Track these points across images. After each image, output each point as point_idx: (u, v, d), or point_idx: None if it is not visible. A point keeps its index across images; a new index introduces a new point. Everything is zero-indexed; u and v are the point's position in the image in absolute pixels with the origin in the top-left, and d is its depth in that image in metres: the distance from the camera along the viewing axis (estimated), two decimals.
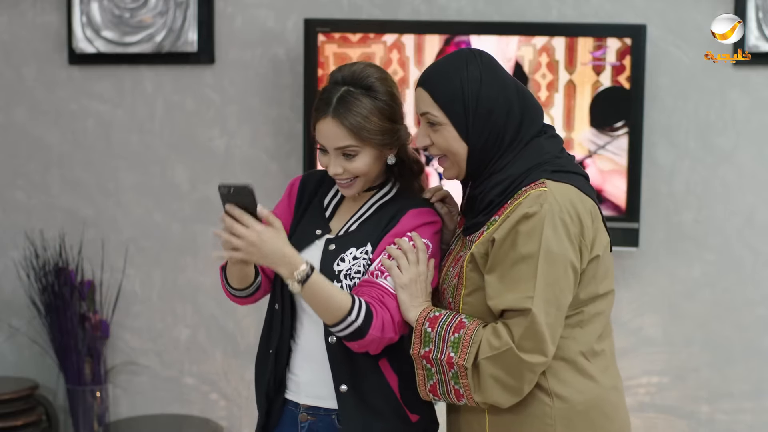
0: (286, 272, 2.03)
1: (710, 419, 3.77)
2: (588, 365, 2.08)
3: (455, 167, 2.11)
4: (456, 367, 2.02)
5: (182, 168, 3.92)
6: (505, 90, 2.08)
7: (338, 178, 2.15)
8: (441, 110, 2.07)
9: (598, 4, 3.70)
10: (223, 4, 3.85)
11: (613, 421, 2.12)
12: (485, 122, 2.06)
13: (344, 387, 2.14)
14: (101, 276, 3.92)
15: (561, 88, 3.56)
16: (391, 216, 2.16)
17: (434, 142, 2.10)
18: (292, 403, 2.22)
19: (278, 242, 2.02)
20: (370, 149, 2.12)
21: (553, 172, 2.05)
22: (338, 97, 2.10)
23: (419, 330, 2.05)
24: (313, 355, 2.18)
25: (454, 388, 2.04)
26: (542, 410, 2.05)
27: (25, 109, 3.96)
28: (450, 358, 2.02)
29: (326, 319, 2.07)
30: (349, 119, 2.09)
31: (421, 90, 2.10)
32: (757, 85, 3.68)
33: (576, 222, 2.01)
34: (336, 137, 2.11)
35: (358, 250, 2.15)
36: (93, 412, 3.85)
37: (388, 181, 2.22)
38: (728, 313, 3.75)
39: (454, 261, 2.15)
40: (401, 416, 2.17)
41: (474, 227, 2.10)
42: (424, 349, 2.05)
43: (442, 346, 2.03)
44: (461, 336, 2.01)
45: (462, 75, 2.06)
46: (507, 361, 1.98)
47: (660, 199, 3.73)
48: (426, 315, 2.06)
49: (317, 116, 2.14)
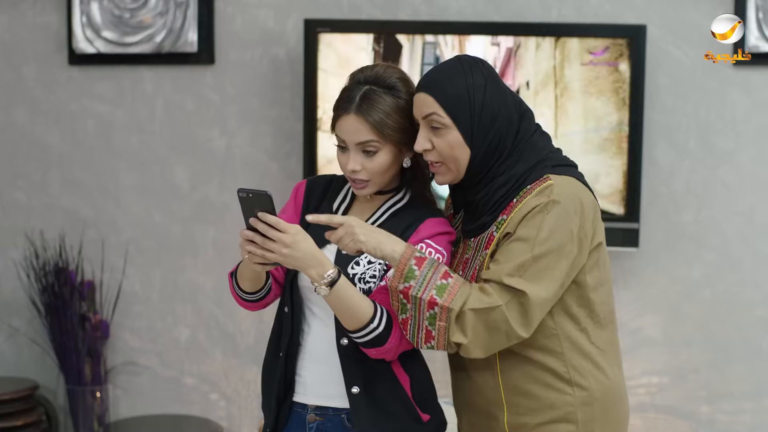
0: (316, 275, 2.02)
1: (710, 419, 3.77)
2: (601, 356, 2.16)
3: (452, 172, 2.13)
4: (437, 308, 2.01)
5: (182, 168, 3.92)
6: (505, 98, 2.13)
7: (354, 176, 2.15)
8: (447, 114, 2.08)
9: (597, 4, 3.70)
10: (223, 5, 3.85)
11: (622, 408, 2.22)
12: (489, 128, 2.09)
13: (356, 389, 2.14)
14: (101, 276, 3.92)
15: (561, 89, 3.56)
16: (408, 223, 2.16)
17: (436, 146, 2.11)
18: (299, 404, 2.22)
19: (311, 245, 2.02)
20: (389, 148, 2.14)
21: (553, 166, 2.11)
22: (361, 95, 2.13)
23: (404, 265, 2.03)
24: (320, 357, 2.18)
25: (427, 328, 2.03)
26: (563, 399, 2.12)
27: (25, 109, 3.96)
28: (433, 299, 2.01)
29: (348, 324, 2.06)
30: (372, 115, 2.11)
31: (424, 94, 2.10)
32: (757, 86, 3.68)
33: (579, 214, 2.07)
34: (358, 132, 2.12)
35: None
36: (93, 412, 3.85)
37: (401, 188, 2.23)
38: (728, 313, 3.75)
39: (463, 265, 2.17)
40: (413, 416, 2.18)
41: (479, 228, 2.13)
42: (403, 284, 2.03)
43: (426, 286, 2.02)
44: (449, 284, 2.02)
45: (468, 81, 2.09)
46: (493, 318, 2.01)
47: (660, 199, 3.73)
48: (412, 252, 2.05)
49: (339, 113, 2.15)
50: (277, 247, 2.01)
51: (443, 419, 2.25)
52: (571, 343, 2.12)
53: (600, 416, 2.14)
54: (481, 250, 2.12)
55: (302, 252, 2.01)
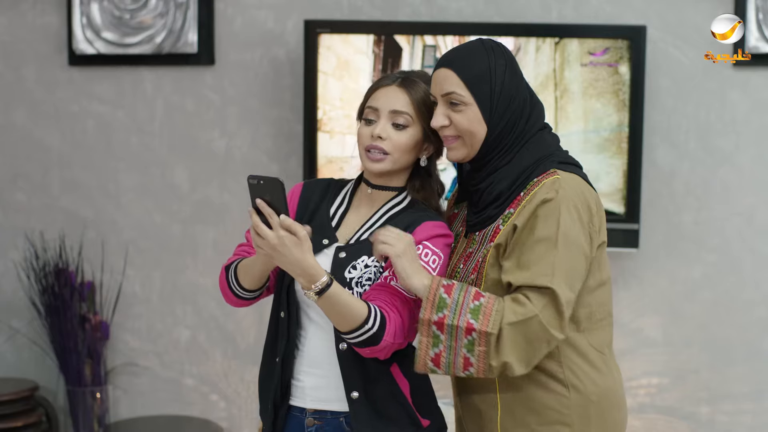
0: (305, 283, 2.01)
1: (710, 420, 3.77)
2: (599, 358, 2.15)
3: (466, 148, 2.14)
4: (475, 334, 2.00)
5: (182, 169, 3.92)
6: (522, 82, 2.16)
7: (376, 143, 2.15)
8: (468, 90, 2.11)
9: (598, 5, 3.70)
10: (223, 6, 3.85)
11: (620, 410, 2.21)
12: (506, 108, 2.11)
13: (356, 394, 2.13)
14: (101, 277, 3.92)
15: (561, 90, 3.56)
16: (405, 225, 2.15)
17: (454, 121, 2.13)
18: (297, 408, 2.21)
19: (300, 252, 1.99)
20: (417, 129, 2.17)
21: (560, 163, 2.13)
22: (403, 77, 2.19)
23: (433, 295, 2.03)
24: (319, 361, 2.18)
25: (465, 356, 2.02)
26: (559, 401, 2.11)
27: (26, 110, 3.96)
28: (470, 324, 2.00)
29: (341, 327, 2.05)
30: (414, 91, 2.17)
31: (446, 70, 2.13)
32: (757, 86, 3.68)
33: (586, 210, 2.08)
34: (397, 100, 2.16)
35: (369, 259, 2.14)
36: (93, 413, 3.85)
37: (404, 189, 2.23)
38: (728, 314, 3.75)
39: (465, 258, 2.16)
40: (414, 421, 2.17)
41: (484, 222, 2.14)
42: (437, 314, 2.02)
43: (460, 312, 2.01)
44: (482, 304, 2.02)
45: (490, 60, 2.13)
46: (531, 329, 2.00)
47: (660, 200, 3.73)
48: (439, 281, 2.05)
49: (377, 86, 2.20)
50: (265, 245, 2.00)
51: (443, 423, 2.24)
52: (568, 345, 2.11)
53: (596, 419, 2.14)
54: (486, 242, 2.12)
55: (290, 258, 1.99)
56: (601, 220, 2.14)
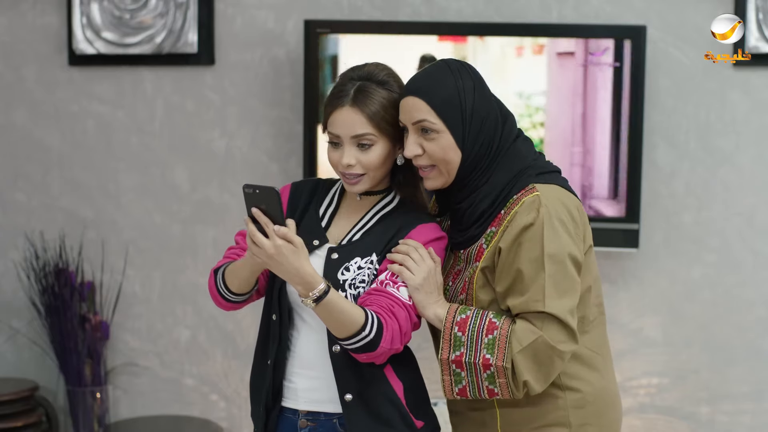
0: (302, 290, 2.01)
1: (710, 420, 3.77)
2: (594, 358, 2.16)
3: (443, 176, 2.12)
4: (493, 368, 2.03)
5: (182, 169, 3.92)
6: (491, 100, 2.13)
7: (348, 171, 2.13)
8: (438, 117, 2.08)
9: (598, 5, 3.70)
10: (223, 6, 3.85)
11: (615, 409, 2.22)
12: (479, 131, 2.09)
13: (349, 396, 2.13)
14: (101, 277, 3.92)
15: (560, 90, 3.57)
16: (397, 228, 2.15)
17: (427, 150, 2.10)
18: (289, 410, 2.20)
19: (297, 260, 1.99)
20: (384, 142, 2.12)
21: (537, 175, 2.11)
22: (356, 89, 2.11)
23: (449, 335, 2.05)
24: (311, 363, 2.17)
25: (488, 387, 2.05)
26: (555, 403, 2.12)
27: (26, 110, 3.96)
28: (486, 360, 2.03)
29: (337, 333, 2.05)
30: (369, 106, 2.10)
31: (413, 98, 2.09)
32: (757, 86, 3.68)
33: (570, 220, 2.08)
34: (354, 124, 2.11)
35: (363, 260, 2.14)
36: (93, 413, 3.85)
37: (390, 190, 2.22)
38: (728, 314, 3.75)
39: (454, 276, 2.17)
40: (408, 423, 2.17)
41: (468, 241, 2.13)
42: (454, 353, 2.05)
43: (475, 349, 2.04)
44: (496, 337, 2.03)
45: (458, 84, 2.09)
46: (538, 349, 2.01)
47: (660, 200, 3.73)
48: (453, 318, 2.06)
49: (333, 108, 2.13)
50: (261, 254, 1.99)
51: (437, 424, 2.24)
52: None
53: (593, 418, 2.14)
54: (471, 262, 2.12)
55: (287, 266, 1.99)
56: (584, 225, 2.13)
